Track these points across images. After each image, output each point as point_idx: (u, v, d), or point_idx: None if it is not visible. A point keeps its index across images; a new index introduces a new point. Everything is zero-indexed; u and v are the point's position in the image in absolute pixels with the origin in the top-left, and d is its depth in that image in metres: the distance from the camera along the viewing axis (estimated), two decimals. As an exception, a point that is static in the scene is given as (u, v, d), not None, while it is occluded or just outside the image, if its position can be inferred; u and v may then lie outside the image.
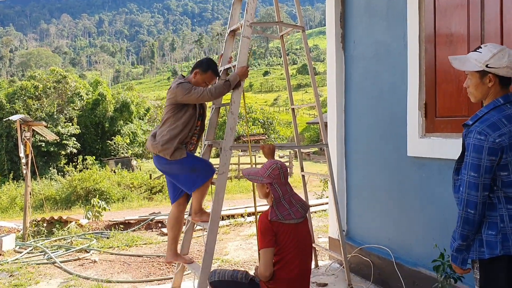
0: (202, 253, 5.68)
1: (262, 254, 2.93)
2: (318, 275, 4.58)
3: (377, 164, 4.38)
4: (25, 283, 5.29)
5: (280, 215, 2.95)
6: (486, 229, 2.17)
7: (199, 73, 3.85)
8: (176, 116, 3.77)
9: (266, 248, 2.91)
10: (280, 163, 3.09)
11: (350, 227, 4.86)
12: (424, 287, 3.68)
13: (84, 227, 8.91)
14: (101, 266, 6.03)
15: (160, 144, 3.76)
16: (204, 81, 3.86)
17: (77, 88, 34.41)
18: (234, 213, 9.59)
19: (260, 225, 2.98)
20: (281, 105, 78.87)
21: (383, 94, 4.28)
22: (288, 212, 2.97)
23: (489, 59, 2.20)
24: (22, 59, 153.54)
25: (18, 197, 16.78)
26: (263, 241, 2.93)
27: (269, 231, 2.92)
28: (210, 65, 3.89)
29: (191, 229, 4.24)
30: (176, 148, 3.74)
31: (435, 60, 3.67)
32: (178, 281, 4.32)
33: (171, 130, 3.76)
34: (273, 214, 2.95)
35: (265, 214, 3.00)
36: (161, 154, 3.78)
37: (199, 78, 3.85)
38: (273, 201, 2.99)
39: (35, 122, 8.88)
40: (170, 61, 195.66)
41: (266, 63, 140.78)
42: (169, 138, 3.74)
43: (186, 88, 3.66)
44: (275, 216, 2.94)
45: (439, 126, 3.63)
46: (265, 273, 2.91)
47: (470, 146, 2.15)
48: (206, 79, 3.85)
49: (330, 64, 5.01)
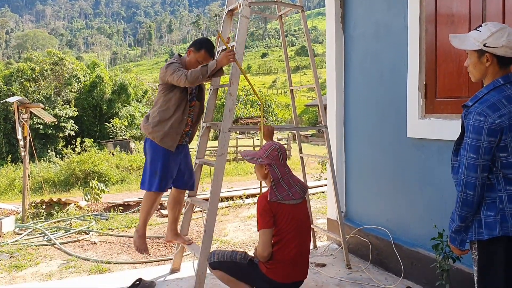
0: (201, 234, 5.70)
1: (260, 234, 2.94)
2: (316, 256, 4.61)
3: (376, 145, 4.38)
4: (25, 264, 5.32)
5: (279, 195, 2.95)
6: (485, 210, 2.17)
7: (192, 52, 3.79)
8: (166, 97, 3.72)
9: (265, 229, 2.93)
10: (279, 145, 3.09)
11: (348, 208, 4.88)
12: (422, 267, 3.71)
13: (83, 209, 8.95)
14: (101, 248, 6.06)
15: (151, 126, 3.71)
16: (197, 60, 3.77)
17: (74, 70, 34.17)
18: (233, 195, 9.63)
19: (259, 206, 2.99)
20: (279, 87, 78.60)
21: (383, 75, 4.25)
22: (287, 193, 2.98)
23: (487, 38, 2.17)
24: (18, 41, 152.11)
25: (17, 180, 16.80)
26: (262, 222, 2.94)
27: (268, 212, 2.93)
28: (204, 44, 3.80)
29: (190, 210, 4.25)
30: (166, 134, 3.67)
31: (435, 41, 3.63)
32: (178, 262, 4.35)
33: (161, 111, 3.70)
34: (272, 194, 2.95)
35: (264, 195, 3.00)
36: (151, 137, 3.73)
37: (192, 57, 3.79)
38: (272, 182, 3.00)
39: (33, 104, 8.84)
40: (167, 43, 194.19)
41: (264, 45, 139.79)
42: (160, 120, 3.69)
43: (171, 69, 3.60)
44: (274, 197, 2.94)
45: (439, 107, 3.62)
46: (264, 254, 2.93)
47: (469, 127, 2.13)
48: (199, 58, 3.77)
49: (330, 45, 4.96)
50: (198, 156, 4.22)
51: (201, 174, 4.35)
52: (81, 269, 5.09)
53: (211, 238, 3.67)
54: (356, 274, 4.11)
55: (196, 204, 4.06)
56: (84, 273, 4.93)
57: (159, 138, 3.68)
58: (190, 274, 4.09)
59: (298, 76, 77.30)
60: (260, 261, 3.02)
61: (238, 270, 3.08)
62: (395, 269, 4.04)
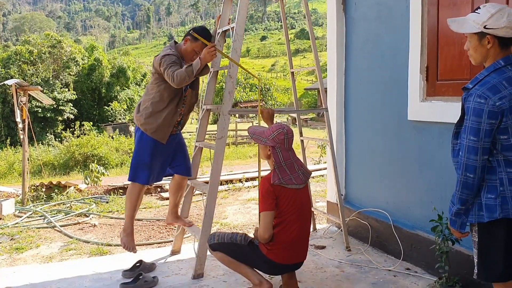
0: (201, 217, 5.72)
1: (262, 217, 2.95)
2: (316, 238, 4.63)
3: (377, 128, 4.36)
4: (26, 246, 5.35)
5: (282, 179, 2.95)
6: (486, 192, 2.17)
7: (189, 41, 3.70)
8: (159, 87, 3.62)
9: (267, 211, 2.93)
10: (287, 128, 3.05)
11: (348, 191, 4.88)
12: (421, 250, 3.73)
13: (83, 192, 8.97)
14: (101, 230, 6.09)
15: (143, 117, 3.63)
16: (193, 50, 3.68)
17: (73, 53, 33.91)
18: (232, 178, 9.66)
19: (261, 188, 2.98)
20: (278, 71, 78.26)
21: (384, 57, 4.22)
22: (290, 177, 2.98)
23: (487, 19, 2.14)
24: (16, 24, 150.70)
25: (16, 163, 16.80)
26: (264, 204, 2.94)
27: (270, 194, 2.93)
28: (201, 34, 3.68)
29: (190, 193, 4.25)
30: (159, 126, 3.61)
31: (437, 23, 3.59)
32: (178, 244, 4.37)
33: (155, 103, 3.61)
34: (275, 177, 2.95)
35: (267, 178, 3.00)
36: (142, 128, 3.65)
37: (188, 45, 3.70)
38: (275, 165, 2.99)
39: (31, 87, 8.82)
40: (166, 26, 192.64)
41: (264, 28, 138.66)
42: (152, 112, 3.61)
43: (165, 63, 3.49)
44: (277, 180, 2.94)
45: (440, 90, 3.60)
46: (265, 235, 2.94)
47: (469, 110, 2.12)
48: (195, 48, 3.68)
49: (331, 27, 4.91)
50: (198, 139, 4.21)
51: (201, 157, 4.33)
52: (81, 251, 5.12)
53: (211, 220, 3.69)
54: (355, 256, 4.14)
55: (196, 187, 4.06)
56: (84, 255, 4.96)
57: (151, 130, 3.60)
58: (191, 256, 4.11)
59: (297, 60, 76.90)
60: (261, 242, 3.03)
61: (238, 251, 3.10)
62: (394, 251, 4.07)
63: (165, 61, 3.50)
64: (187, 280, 3.65)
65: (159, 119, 3.59)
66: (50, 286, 3.64)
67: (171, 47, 3.71)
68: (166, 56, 3.54)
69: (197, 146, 4.17)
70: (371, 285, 3.49)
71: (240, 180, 9.58)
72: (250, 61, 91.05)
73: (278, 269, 3.11)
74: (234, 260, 3.12)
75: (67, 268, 4.07)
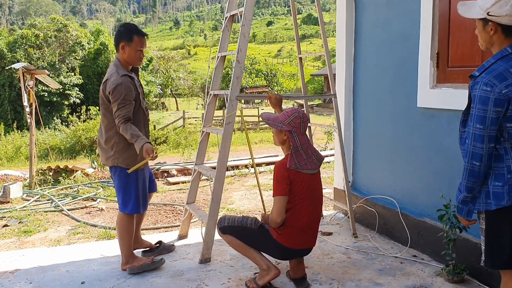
0: (208, 202, 5.73)
1: (276, 201, 2.95)
2: (323, 225, 4.64)
3: (385, 115, 4.33)
4: (34, 229, 5.39)
5: (298, 164, 2.96)
6: (493, 180, 2.16)
7: (126, 45, 3.38)
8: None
9: (281, 195, 2.93)
10: (302, 112, 3.05)
11: (355, 178, 4.87)
12: (429, 237, 3.73)
13: (90, 176, 9.01)
14: (108, 214, 6.13)
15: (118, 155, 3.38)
16: (136, 50, 3.39)
17: (79, 37, 33.79)
18: (238, 164, 9.67)
19: (276, 173, 2.98)
20: (284, 56, 77.85)
21: (394, 43, 4.17)
22: (305, 162, 2.99)
23: (490, 6, 2.11)
24: (22, 7, 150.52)
25: (23, 147, 16.88)
26: (278, 188, 2.94)
27: (285, 179, 2.93)
28: (130, 30, 3.41)
29: (197, 178, 4.26)
30: (136, 156, 3.34)
31: (449, 8, 3.54)
32: (185, 229, 4.39)
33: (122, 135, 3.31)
34: (292, 162, 2.95)
35: (282, 162, 3.00)
36: (123, 165, 3.39)
37: (129, 51, 3.38)
38: (292, 150, 2.99)
39: (38, 71, 8.79)
40: (172, 10, 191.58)
41: (270, 13, 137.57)
42: (125, 145, 3.35)
43: (117, 105, 3.23)
44: (293, 165, 2.95)
45: (451, 77, 3.56)
46: (277, 220, 2.94)
47: (476, 98, 2.10)
48: (136, 47, 3.38)
49: (340, 11, 4.86)
50: (206, 124, 4.21)
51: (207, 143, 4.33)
52: (89, 235, 5.16)
53: (219, 205, 3.70)
54: (362, 243, 4.15)
55: (203, 172, 4.06)
56: (92, 239, 4.99)
57: (134, 162, 3.37)
58: (198, 240, 4.14)
59: (304, 45, 76.43)
60: (271, 227, 3.04)
61: (248, 235, 3.11)
62: (401, 238, 4.07)
63: (116, 97, 3.24)
64: (194, 265, 3.68)
65: (133, 149, 3.31)
66: (58, 269, 3.67)
67: (117, 67, 3.39)
68: (117, 88, 3.25)
69: (204, 131, 4.17)
70: (377, 272, 3.50)
71: (246, 165, 9.58)
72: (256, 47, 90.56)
73: (288, 254, 3.12)
74: (243, 243, 3.14)
75: (75, 252, 4.11)
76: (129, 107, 3.29)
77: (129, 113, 3.29)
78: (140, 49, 3.43)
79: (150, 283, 3.35)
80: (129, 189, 3.45)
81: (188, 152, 13.50)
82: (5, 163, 15.62)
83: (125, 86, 3.27)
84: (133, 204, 3.46)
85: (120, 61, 3.45)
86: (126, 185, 3.45)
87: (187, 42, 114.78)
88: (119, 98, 3.24)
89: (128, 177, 3.41)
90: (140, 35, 3.42)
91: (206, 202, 6.45)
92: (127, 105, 3.27)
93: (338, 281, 3.33)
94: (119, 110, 3.24)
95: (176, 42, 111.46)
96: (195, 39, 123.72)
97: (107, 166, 3.59)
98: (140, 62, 3.54)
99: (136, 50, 3.41)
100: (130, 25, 3.51)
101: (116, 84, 3.25)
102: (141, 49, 3.43)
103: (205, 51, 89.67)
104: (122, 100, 3.24)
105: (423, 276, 3.40)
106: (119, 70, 3.35)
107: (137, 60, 3.48)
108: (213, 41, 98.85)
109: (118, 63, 3.43)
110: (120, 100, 3.24)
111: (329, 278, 3.39)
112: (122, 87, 3.26)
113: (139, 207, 3.50)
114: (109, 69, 3.45)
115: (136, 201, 3.46)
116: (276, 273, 3.08)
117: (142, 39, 3.43)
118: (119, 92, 3.24)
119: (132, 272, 3.50)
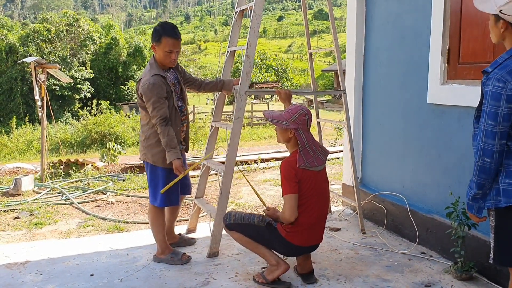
0: (216, 196, 5.75)
1: (287, 199, 2.93)
2: (331, 220, 4.64)
3: (395, 111, 4.31)
4: (44, 222, 5.45)
5: (307, 162, 2.94)
6: (504, 177, 2.15)
7: (156, 46, 3.40)
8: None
9: (291, 194, 2.92)
10: (306, 109, 3.02)
11: (364, 174, 4.86)
12: (437, 234, 3.72)
13: (100, 170, 9.08)
14: (118, 208, 6.17)
15: (148, 151, 3.47)
16: (165, 51, 3.37)
17: (90, 32, 33.98)
18: (247, 159, 9.68)
19: (284, 171, 2.96)
20: (295, 51, 77.62)
21: (405, 39, 4.14)
22: (313, 159, 2.97)
23: (504, 4, 2.10)
24: (34, 2, 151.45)
25: (35, 140, 17.06)
26: (288, 187, 2.92)
27: (294, 178, 2.92)
28: (159, 30, 3.39)
29: (206, 173, 4.27)
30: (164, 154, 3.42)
31: (461, 4, 3.50)
32: (194, 223, 4.42)
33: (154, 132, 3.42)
34: (301, 161, 2.93)
35: (289, 161, 2.98)
36: (151, 161, 3.50)
37: (159, 51, 3.40)
38: (300, 147, 2.97)
39: (50, 65, 8.86)
40: (183, 5, 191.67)
41: (281, 8, 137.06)
42: (157, 141, 3.43)
43: (151, 105, 3.29)
44: (303, 163, 2.93)
45: (462, 73, 3.53)
46: (291, 218, 2.93)
47: (488, 94, 2.09)
48: (165, 48, 3.36)
49: (350, 7, 4.83)
50: (215, 119, 4.22)
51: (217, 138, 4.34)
52: (99, 227, 5.21)
53: (227, 200, 3.71)
54: (370, 239, 4.14)
55: (212, 167, 4.08)
56: (102, 232, 5.04)
57: (161, 160, 3.45)
58: (206, 234, 4.15)
59: (315, 41, 76.13)
60: (279, 224, 3.04)
61: (256, 232, 3.11)
62: (409, 235, 4.05)
63: (148, 97, 3.30)
64: (202, 259, 3.70)
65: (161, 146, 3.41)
66: (68, 261, 3.72)
67: (151, 66, 3.45)
68: (148, 88, 3.30)
69: (213, 126, 4.18)
70: (385, 268, 3.49)
71: (255, 161, 9.59)
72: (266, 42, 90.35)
73: (296, 251, 3.12)
74: (252, 240, 3.14)
75: (85, 244, 4.15)
76: (164, 106, 3.33)
77: (165, 113, 3.34)
78: (169, 50, 3.38)
79: (158, 276, 3.38)
80: (157, 184, 3.55)
81: (198, 146, 13.54)
82: (17, 156, 15.80)
83: (156, 86, 3.30)
84: (161, 198, 3.55)
85: (155, 60, 3.47)
86: (155, 180, 3.56)
87: (197, 37, 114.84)
88: (151, 98, 3.30)
89: (157, 172, 3.53)
90: (168, 36, 3.36)
91: (215, 196, 6.47)
92: (161, 105, 3.32)
93: (346, 277, 3.33)
94: (154, 110, 3.31)
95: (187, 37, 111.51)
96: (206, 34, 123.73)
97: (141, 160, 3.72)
98: (172, 63, 3.48)
99: (164, 51, 3.38)
100: (162, 25, 3.47)
101: (147, 84, 3.31)
102: (170, 50, 3.38)
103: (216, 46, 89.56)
104: (155, 100, 3.30)
105: (431, 273, 3.39)
106: (152, 70, 3.40)
107: (167, 61, 3.44)
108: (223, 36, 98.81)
109: (153, 61, 3.47)
110: (152, 100, 3.30)
111: (336, 273, 3.39)
112: (153, 87, 3.30)
113: (167, 201, 3.58)
114: (145, 68, 3.51)
115: (164, 195, 3.54)
116: (286, 268, 3.09)
117: (170, 40, 3.37)
118: (150, 92, 3.29)
119: (155, 261, 3.66)
